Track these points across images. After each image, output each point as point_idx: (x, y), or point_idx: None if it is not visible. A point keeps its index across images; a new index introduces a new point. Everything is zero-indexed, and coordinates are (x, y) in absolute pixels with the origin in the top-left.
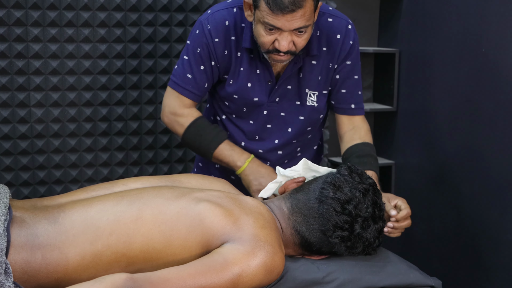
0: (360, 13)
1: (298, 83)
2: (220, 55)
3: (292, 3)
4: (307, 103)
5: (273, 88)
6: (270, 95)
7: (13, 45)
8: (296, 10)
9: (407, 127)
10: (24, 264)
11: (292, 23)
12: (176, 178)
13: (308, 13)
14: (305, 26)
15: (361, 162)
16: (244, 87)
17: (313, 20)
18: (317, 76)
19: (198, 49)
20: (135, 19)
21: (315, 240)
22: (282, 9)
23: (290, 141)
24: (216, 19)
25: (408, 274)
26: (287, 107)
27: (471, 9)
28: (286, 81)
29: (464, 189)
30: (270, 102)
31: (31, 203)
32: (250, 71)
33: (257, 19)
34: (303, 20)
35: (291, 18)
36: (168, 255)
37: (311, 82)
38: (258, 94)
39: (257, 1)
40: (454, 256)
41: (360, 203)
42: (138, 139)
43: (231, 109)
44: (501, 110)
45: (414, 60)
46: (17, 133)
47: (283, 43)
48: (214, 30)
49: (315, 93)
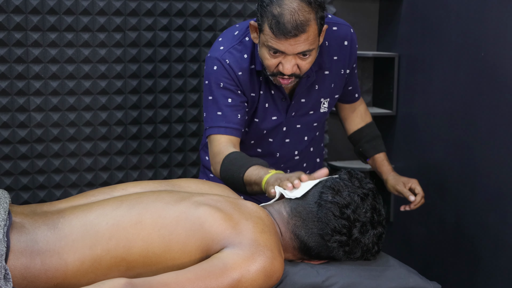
0: (359, 18)
1: (315, 95)
2: (244, 86)
3: (295, 28)
4: (320, 111)
5: (289, 104)
6: (288, 111)
7: (12, 50)
8: (299, 35)
9: (406, 131)
10: (24, 269)
11: (295, 47)
12: (175, 183)
13: (311, 37)
14: (308, 50)
15: (371, 147)
16: (263, 108)
17: (317, 43)
18: (330, 84)
19: (221, 84)
20: (134, 24)
21: (313, 244)
22: (285, 34)
23: (306, 146)
24: (235, 55)
25: (408, 278)
26: (302, 118)
27: (470, 14)
28: (301, 96)
29: (463, 193)
30: (288, 118)
31: (30, 209)
32: (266, 93)
33: (261, 42)
34: (307, 44)
35: (295, 42)
36: (167, 260)
37: (325, 91)
38: (276, 113)
39: (261, 24)
40: (453, 260)
41: (359, 207)
42: (138, 144)
43: (251, 135)
44: (500, 114)
45: (413, 64)
46: (17, 138)
47: (287, 67)
48: (235, 64)
49: (327, 100)
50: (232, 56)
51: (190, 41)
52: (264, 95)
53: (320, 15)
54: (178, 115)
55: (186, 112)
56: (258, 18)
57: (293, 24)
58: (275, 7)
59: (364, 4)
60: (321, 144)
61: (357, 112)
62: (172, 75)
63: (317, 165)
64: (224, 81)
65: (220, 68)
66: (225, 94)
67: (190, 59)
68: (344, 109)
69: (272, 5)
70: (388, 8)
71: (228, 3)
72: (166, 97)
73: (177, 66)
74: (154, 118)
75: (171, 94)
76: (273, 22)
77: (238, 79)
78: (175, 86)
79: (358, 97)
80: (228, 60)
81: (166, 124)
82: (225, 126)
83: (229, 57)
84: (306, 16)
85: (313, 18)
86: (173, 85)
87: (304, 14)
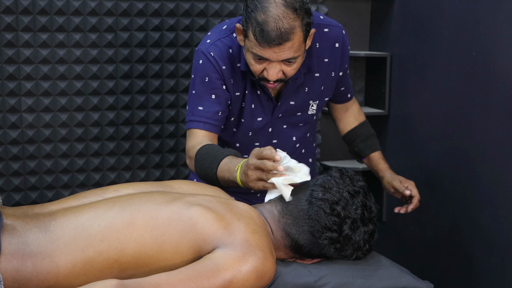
0: (351, 17)
1: (303, 98)
2: (228, 82)
3: (279, 36)
4: (308, 112)
5: (275, 106)
6: (273, 113)
7: (3, 51)
8: (283, 43)
9: (398, 131)
10: (15, 272)
11: (279, 54)
12: (167, 184)
13: (296, 45)
14: (293, 57)
15: (366, 146)
16: (250, 109)
17: (303, 50)
18: (320, 87)
19: (206, 78)
20: (126, 24)
21: (305, 242)
22: (268, 42)
23: (295, 147)
24: (220, 47)
25: (400, 277)
26: (288, 119)
27: (462, 13)
28: (288, 98)
29: (456, 192)
30: (274, 119)
31: (22, 211)
32: (252, 93)
33: (246, 47)
34: (291, 52)
35: (279, 50)
36: (160, 260)
37: (315, 94)
38: (261, 114)
39: (246, 30)
40: (446, 259)
41: (349, 204)
42: (130, 144)
43: (236, 136)
44: (492, 113)
45: (405, 64)
46: (8, 139)
47: (271, 73)
48: (220, 58)
49: (317, 102)
50: (217, 49)
51: (182, 41)
52: (250, 95)
53: (306, 21)
54: (170, 116)
55: (178, 113)
56: (243, 22)
57: (277, 32)
58: (260, 13)
59: (356, 4)
60: (313, 145)
61: (350, 112)
62: (164, 76)
63: (309, 165)
64: (210, 75)
65: (206, 61)
66: (209, 89)
67: (182, 59)
68: (337, 109)
69: (256, 11)
70: (380, 8)
71: (220, 3)
72: (158, 97)
73: (169, 66)
74: (146, 118)
75: (163, 95)
76: (257, 29)
77: (222, 73)
78: (167, 86)
79: (350, 97)
80: (213, 53)
81: (158, 124)
82: (204, 121)
83: (214, 49)
84: (291, 23)
85: (298, 25)
86: (165, 86)
87: (289, 21)
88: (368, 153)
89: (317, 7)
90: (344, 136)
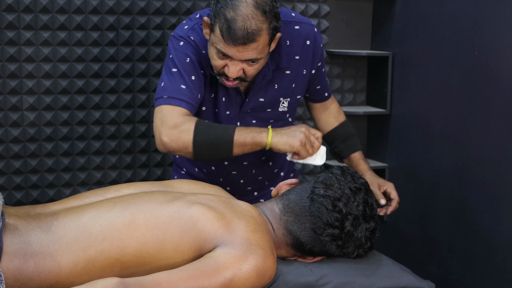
0: (353, 16)
1: (273, 94)
2: (206, 67)
3: (245, 36)
4: (279, 109)
5: (243, 101)
6: (242, 107)
7: (5, 49)
8: (248, 44)
9: (400, 130)
10: (17, 271)
11: (243, 54)
12: (168, 184)
13: (261, 47)
14: (256, 59)
15: (347, 147)
16: (221, 101)
17: (266, 52)
18: (291, 84)
19: (187, 59)
20: (128, 22)
21: (306, 239)
22: (234, 40)
23: None
24: (199, 33)
25: (402, 277)
26: (258, 115)
27: (464, 12)
28: (257, 94)
29: (457, 192)
30: (242, 113)
31: (24, 211)
32: (223, 86)
33: (211, 41)
34: (255, 53)
35: (243, 49)
36: (161, 259)
37: (285, 91)
38: (230, 107)
39: (213, 25)
40: (447, 259)
41: (350, 201)
42: (131, 143)
43: None
44: (493, 112)
45: (407, 63)
46: (10, 137)
47: (232, 70)
48: (200, 42)
49: (288, 100)
50: (196, 34)
51: None
52: (221, 87)
53: (274, 25)
54: None
55: None
56: (211, 16)
57: (244, 32)
58: (229, 10)
59: (358, 3)
60: None
61: (329, 112)
62: None
63: (286, 163)
64: (191, 56)
65: (187, 44)
66: (190, 69)
67: None
68: (315, 109)
69: (226, 8)
70: (382, 7)
71: None
72: None
73: None
74: (147, 117)
75: None
76: (224, 26)
77: (201, 58)
78: None
79: (328, 96)
80: (193, 37)
81: None
82: (187, 101)
83: (193, 34)
84: (259, 25)
85: (265, 28)
86: None
87: (257, 23)
88: (348, 153)
89: (319, 6)
90: (324, 137)
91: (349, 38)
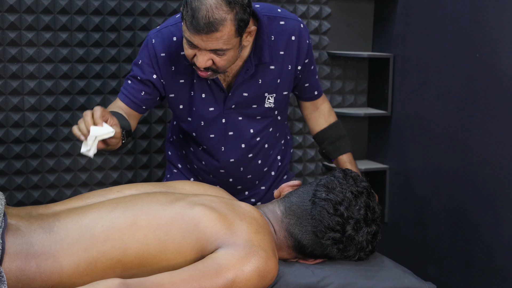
0: (354, 18)
1: (257, 89)
2: (165, 70)
3: (207, 25)
4: (265, 105)
5: (226, 96)
6: (225, 103)
7: (7, 49)
8: (210, 33)
9: (401, 131)
10: (19, 272)
11: (207, 43)
12: (170, 185)
13: (226, 37)
14: (221, 49)
15: (335, 149)
16: (199, 98)
17: (236, 44)
18: (276, 80)
19: (139, 61)
20: (129, 23)
21: (308, 242)
22: (197, 29)
23: (255, 140)
24: (164, 35)
25: (403, 278)
26: (244, 110)
27: (465, 14)
28: (240, 88)
29: (459, 194)
30: (226, 110)
31: (26, 211)
32: (201, 82)
33: (183, 31)
34: (220, 43)
35: (207, 39)
36: (163, 260)
37: (270, 86)
38: (213, 104)
39: (183, 13)
40: (448, 260)
41: (352, 204)
42: (133, 144)
43: (191, 126)
44: (495, 114)
45: (408, 64)
46: (11, 137)
47: (199, 60)
48: (160, 45)
49: (273, 95)
50: (160, 36)
51: None
52: (199, 84)
53: (240, 16)
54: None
55: None
56: (182, 6)
57: (206, 21)
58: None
59: (359, 5)
60: (281, 141)
61: (319, 112)
62: None
63: (276, 162)
64: (142, 60)
65: (145, 47)
66: (140, 71)
67: None
68: (306, 108)
69: None
70: (383, 9)
71: None
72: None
73: None
74: (149, 118)
75: None
76: (189, 14)
77: (157, 61)
78: None
79: (318, 94)
80: (155, 40)
81: (161, 124)
82: (126, 95)
83: (157, 36)
84: (222, 15)
85: (230, 18)
86: None
87: (220, 13)
88: (336, 155)
89: (320, 8)
90: (314, 137)
91: (350, 39)
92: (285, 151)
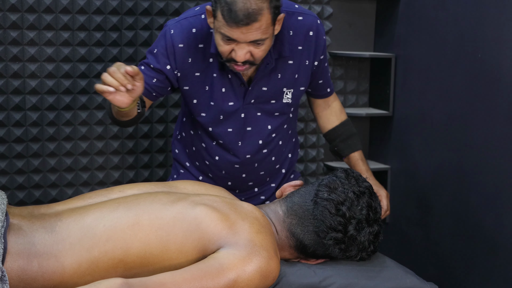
0: (356, 18)
1: (276, 84)
2: (181, 61)
3: (246, 16)
4: (283, 101)
5: (246, 90)
6: (245, 98)
7: (8, 48)
8: (250, 24)
9: (403, 132)
10: (21, 271)
11: (247, 35)
12: (172, 184)
13: (264, 26)
14: (261, 39)
15: (347, 146)
16: (219, 92)
17: (271, 32)
18: (294, 74)
19: (155, 50)
20: (131, 23)
21: (309, 242)
22: (236, 22)
23: (271, 137)
24: (183, 26)
25: (405, 279)
26: (262, 106)
27: (467, 14)
28: (260, 83)
29: (460, 194)
30: (246, 105)
31: (28, 211)
32: (222, 76)
33: (215, 28)
34: (259, 33)
35: (246, 31)
36: (164, 260)
37: (288, 81)
38: (233, 99)
39: (215, 10)
40: (450, 260)
41: (354, 204)
42: (134, 143)
43: (208, 120)
44: (496, 115)
45: (410, 65)
46: (12, 137)
47: (239, 54)
48: (179, 36)
49: (291, 91)
50: (179, 27)
51: None
52: (220, 78)
53: (274, 4)
54: (174, 115)
55: None
56: (212, 3)
57: (245, 12)
58: None
59: (361, 5)
60: (293, 140)
61: (331, 110)
62: None
63: (287, 160)
64: (158, 50)
65: (162, 37)
66: (155, 60)
67: None
68: (317, 106)
69: None
70: (385, 9)
71: None
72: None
73: None
74: (150, 117)
75: None
76: (225, 9)
77: (174, 52)
78: None
79: (330, 92)
80: (173, 30)
81: (163, 123)
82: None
83: (175, 27)
84: (259, 5)
85: (266, 7)
86: None
87: (257, 2)
88: (347, 153)
89: (322, 8)
90: (325, 134)
91: (352, 39)
92: (294, 149)
